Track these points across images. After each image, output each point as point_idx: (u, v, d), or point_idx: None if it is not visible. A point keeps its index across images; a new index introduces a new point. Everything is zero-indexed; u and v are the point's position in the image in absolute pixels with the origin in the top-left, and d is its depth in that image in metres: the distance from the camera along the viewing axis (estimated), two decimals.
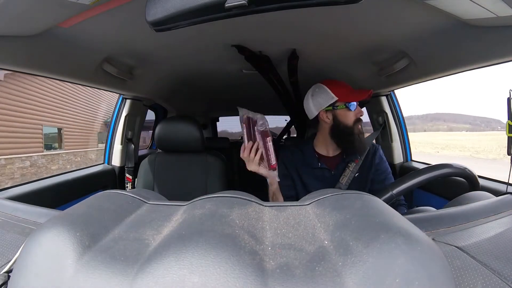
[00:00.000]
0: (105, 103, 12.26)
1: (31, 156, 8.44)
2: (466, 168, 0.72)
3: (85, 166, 1.54)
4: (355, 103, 1.01)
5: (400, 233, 0.24)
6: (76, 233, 0.26)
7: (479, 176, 1.06)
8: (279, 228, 0.29)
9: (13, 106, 7.81)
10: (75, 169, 1.46)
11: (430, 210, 0.73)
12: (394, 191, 0.70)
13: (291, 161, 1.11)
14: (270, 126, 0.95)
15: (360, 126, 1.03)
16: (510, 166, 0.56)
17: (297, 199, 1.08)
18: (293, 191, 1.10)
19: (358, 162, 1.05)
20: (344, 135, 1.03)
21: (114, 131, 1.64)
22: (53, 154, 9.43)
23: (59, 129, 9.94)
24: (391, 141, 1.60)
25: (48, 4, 0.66)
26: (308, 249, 0.25)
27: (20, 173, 7.98)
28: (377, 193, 0.73)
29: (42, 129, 9.00)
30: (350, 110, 1.01)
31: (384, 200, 0.70)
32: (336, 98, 1.01)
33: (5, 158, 7.54)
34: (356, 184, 1.05)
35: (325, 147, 1.09)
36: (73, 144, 10.61)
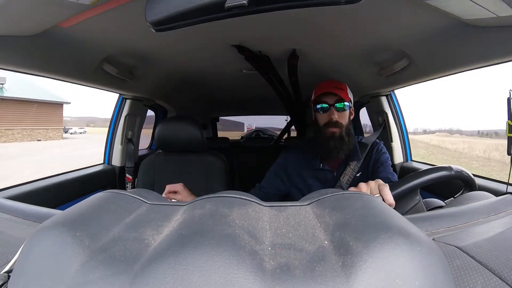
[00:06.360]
0: None
1: None
2: (463, 171, 0.72)
3: (84, 167, 1.54)
4: (320, 104, 0.97)
5: (400, 233, 0.24)
6: (76, 233, 0.26)
7: (480, 176, 1.06)
8: (279, 228, 0.29)
9: None
10: (75, 169, 1.46)
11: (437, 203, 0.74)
12: (393, 193, 0.70)
13: (293, 163, 1.09)
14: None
15: (334, 129, 0.96)
16: (510, 166, 0.56)
17: (295, 199, 1.07)
18: (274, 189, 1.08)
19: (359, 160, 1.03)
20: (316, 138, 1.02)
21: (114, 131, 1.64)
22: None
23: None
24: (391, 141, 1.60)
25: (48, 4, 0.66)
26: (308, 249, 0.25)
27: None
28: None
29: None
30: (317, 111, 1.00)
31: None
32: (312, 98, 1.01)
33: None
34: (358, 183, 1.04)
35: None
36: None
